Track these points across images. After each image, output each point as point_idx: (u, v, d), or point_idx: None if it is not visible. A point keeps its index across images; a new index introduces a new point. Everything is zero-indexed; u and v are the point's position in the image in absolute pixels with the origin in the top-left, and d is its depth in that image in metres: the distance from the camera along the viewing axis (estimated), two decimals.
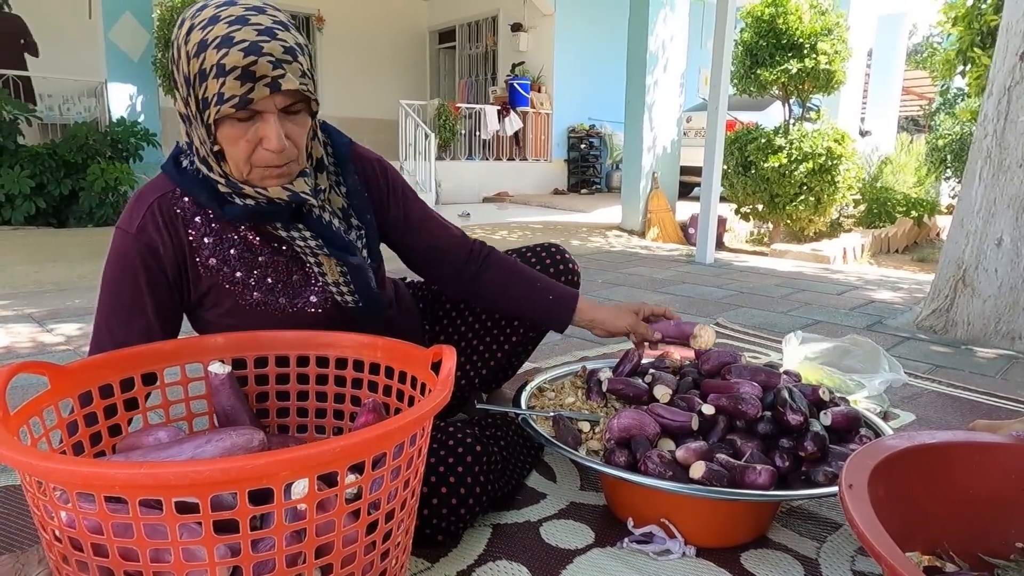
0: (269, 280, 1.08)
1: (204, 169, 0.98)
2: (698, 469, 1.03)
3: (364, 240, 1.13)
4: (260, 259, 1.07)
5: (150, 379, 1.01)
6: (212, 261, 1.05)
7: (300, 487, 0.68)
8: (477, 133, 9.79)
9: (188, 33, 0.90)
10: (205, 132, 0.94)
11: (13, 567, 0.90)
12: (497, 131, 9.83)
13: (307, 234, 1.04)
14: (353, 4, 11.02)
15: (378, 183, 1.19)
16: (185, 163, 1.02)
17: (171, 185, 1.03)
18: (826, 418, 1.18)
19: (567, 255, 1.44)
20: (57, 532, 0.70)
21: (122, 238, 1.03)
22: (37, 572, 0.89)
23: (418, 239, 1.24)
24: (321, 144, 1.07)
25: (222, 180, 0.97)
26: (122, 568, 0.67)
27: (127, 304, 1.03)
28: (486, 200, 9.57)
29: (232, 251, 1.05)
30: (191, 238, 1.04)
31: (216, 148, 0.95)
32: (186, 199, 1.03)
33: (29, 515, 1.15)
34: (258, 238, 1.06)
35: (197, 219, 1.03)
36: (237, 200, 0.99)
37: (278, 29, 0.90)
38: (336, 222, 1.07)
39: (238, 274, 1.06)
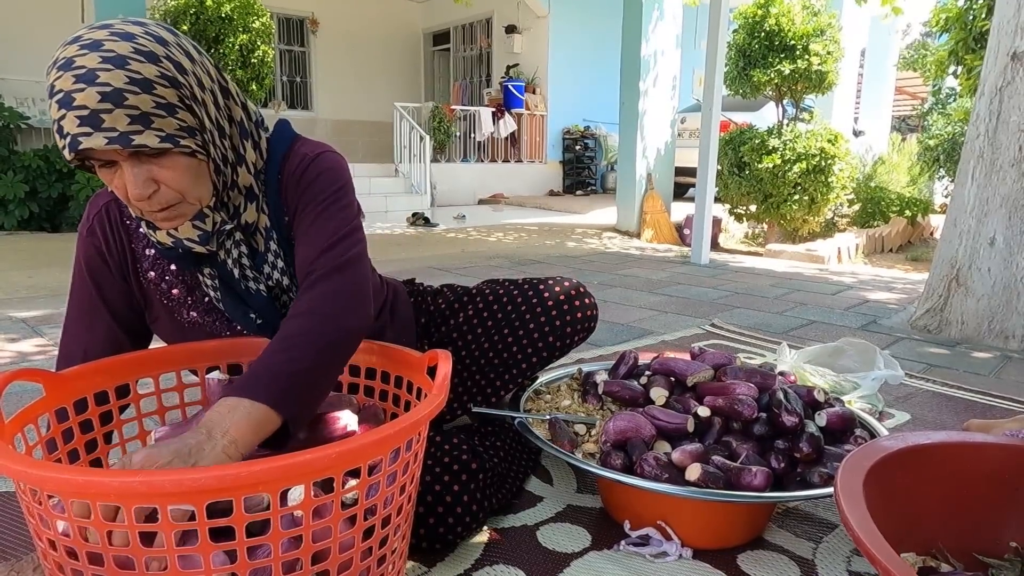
0: (207, 300, 1.04)
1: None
2: (694, 471, 1.03)
3: (280, 269, 1.02)
4: (199, 277, 1.02)
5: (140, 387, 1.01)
6: (151, 274, 1.02)
7: (296, 493, 0.68)
8: (472, 135, 9.80)
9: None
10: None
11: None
12: (492, 133, 9.84)
13: (207, 281, 1.00)
14: (347, 7, 11.03)
15: (297, 186, 0.99)
16: None
17: None
18: (821, 419, 1.18)
19: (576, 298, 1.36)
20: (52, 541, 0.69)
21: (78, 241, 1.03)
22: None
23: (296, 256, 1.00)
24: (253, 168, 0.96)
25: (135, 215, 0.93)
26: None
27: (87, 308, 1.03)
28: (481, 202, 9.58)
29: (172, 267, 1.01)
30: (134, 248, 1.02)
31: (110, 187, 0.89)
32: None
33: (24, 523, 1.14)
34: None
35: (142, 229, 1.00)
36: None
37: (103, 70, 0.76)
38: (238, 271, 0.99)
39: (175, 291, 1.03)
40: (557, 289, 1.36)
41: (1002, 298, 2.55)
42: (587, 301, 1.37)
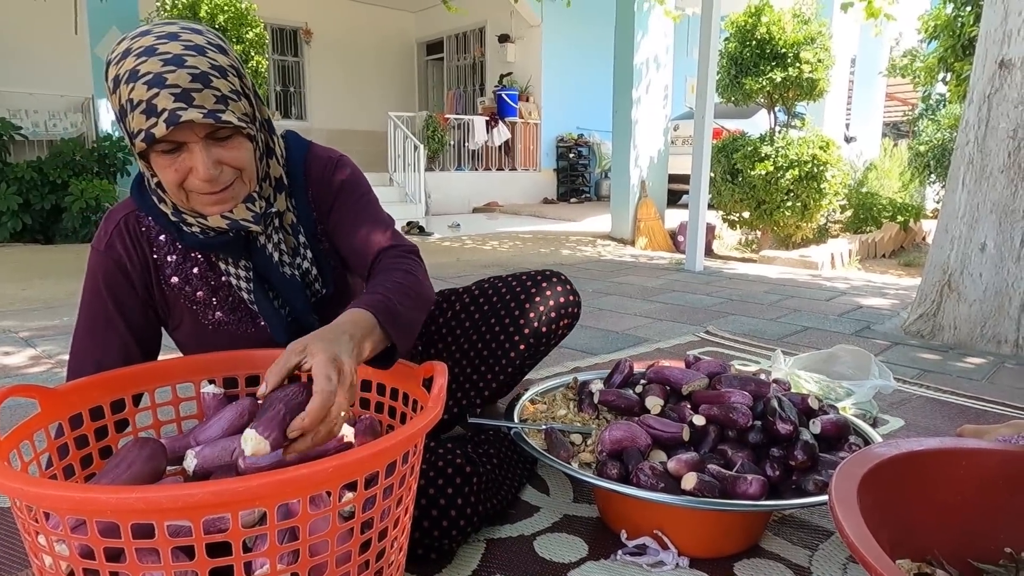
0: (231, 299, 1.08)
1: (155, 199, 0.98)
2: (690, 480, 1.03)
3: (310, 260, 1.08)
4: (223, 279, 1.06)
5: (136, 401, 1.01)
6: (175, 280, 1.05)
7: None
8: (466, 144, 9.83)
9: (107, 68, 0.89)
10: (143, 164, 0.93)
11: None
12: (486, 141, 9.87)
13: (241, 272, 1.04)
14: (340, 17, 11.06)
15: (329, 185, 1.10)
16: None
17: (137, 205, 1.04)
18: (815, 426, 1.19)
19: (557, 283, 1.40)
20: (48, 558, 0.69)
21: (93, 256, 1.04)
22: None
23: (343, 243, 1.11)
24: (280, 160, 1.04)
25: (171, 209, 0.97)
26: None
27: (101, 322, 1.04)
28: (476, 210, 9.59)
29: (195, 270, 1.05)
30: (155, 256, 1.04)
31: (156, 179, 0.93)
32: (151, 218, 1.03)
33: (19, 539, 1.14)
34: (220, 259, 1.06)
35: (162, 238, 1.04)
36: (185, 229, 0.98)
37: (189, 55, 0.85)
38: (277, 255, 1.04)
39: (199, 294, 1.06)
40: (539, 277, 1.41)
41: (994, 303, 2.57)
42: (568, 287, 1.42)
